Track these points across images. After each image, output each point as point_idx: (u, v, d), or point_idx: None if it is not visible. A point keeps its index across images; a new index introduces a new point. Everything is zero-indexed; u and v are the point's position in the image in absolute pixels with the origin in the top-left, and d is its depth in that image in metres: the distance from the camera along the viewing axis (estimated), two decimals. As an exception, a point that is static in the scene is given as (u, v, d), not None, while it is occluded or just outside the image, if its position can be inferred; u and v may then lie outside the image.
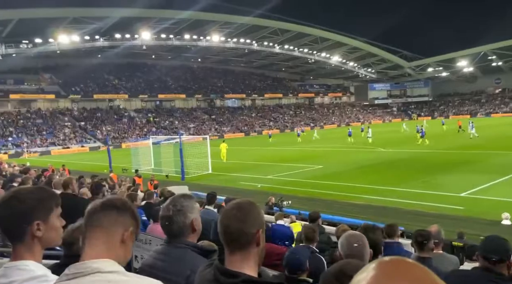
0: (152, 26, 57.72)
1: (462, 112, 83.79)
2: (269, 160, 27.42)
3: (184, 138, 35.20)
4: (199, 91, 76.94)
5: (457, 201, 12.82)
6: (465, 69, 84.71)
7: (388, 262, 0.63)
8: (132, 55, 71.32)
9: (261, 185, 18.07)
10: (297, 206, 12.66)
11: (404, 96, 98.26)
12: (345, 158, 25.49)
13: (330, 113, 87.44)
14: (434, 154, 24.76)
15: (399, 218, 10.82)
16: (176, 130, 58.59)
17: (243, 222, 1.50)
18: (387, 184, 16.23)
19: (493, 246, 2.63)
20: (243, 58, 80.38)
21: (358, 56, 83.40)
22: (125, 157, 29.84)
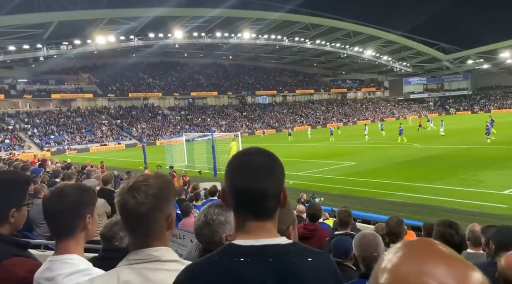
0: (184, 25, 58.61)
1: (505, 106, 79.75)
2: (300, 156, 27.23)
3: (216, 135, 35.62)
4: (230, 88, 77.51)
5: (500, 199, 12.24)
6: (508, 61, 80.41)
7: (415, 241, 0.64)
8: (165, 54, 72.79)
9: (292, 181, 17.98)
10: (330, 203, 12.50)
11: (442, 90, 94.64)
12: (379, 155, 24.91)
13: (363, 109, 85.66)
14: (473, 150, 23.73)
15: (436, 216, 10.43)
16: (208, 127, 59.33)
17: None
18: (424, 181, 15.73)
19: (506, 237, 2.52)
20: (274, 54, 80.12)
21: (393, 49, 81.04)
22: (159, 153, 30.55)
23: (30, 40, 51.59)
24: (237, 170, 1.17)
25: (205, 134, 41.01)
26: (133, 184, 1.34)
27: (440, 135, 34.13)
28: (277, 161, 1.22)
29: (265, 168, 1.17)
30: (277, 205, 1.18)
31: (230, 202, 1.18)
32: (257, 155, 1.20)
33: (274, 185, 1.17)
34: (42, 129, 53.08)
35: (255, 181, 1.14)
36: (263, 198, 1.14)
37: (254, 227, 1.14)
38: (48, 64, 58.28)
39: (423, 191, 14.12)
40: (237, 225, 1.18)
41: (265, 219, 1.15)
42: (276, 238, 1.14)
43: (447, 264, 0.56)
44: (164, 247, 1.34)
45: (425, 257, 0.57)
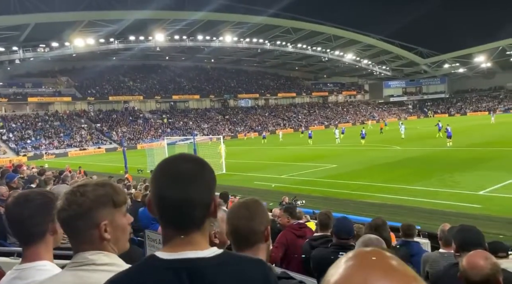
0: (165, 28, 58.25)
1: (480, 109, 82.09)
2: (283, 159, 27.36)
3: (198, 138, 35.42)
4: (212, 91, 77.30)
5: (475, 200, 12.56)
6: (482, 65, 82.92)
7: (365, 252, 0.64)
8: (146, 57, 72.11)
9: (275, 184, 18.05)
10: (311, 205, 12.59)
11: (420, 93, 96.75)
12: (360, 157, 25.24)
13: (344, 112, 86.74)
14: (450, 152, 24.33)
15: (415, 217, 10.67)
16: (190, 130, 58.96)
17: (253, 221, 1.53)
18: (403, 183, 16.01)
19: (468, 237, 2.64)
20: (256, 57, 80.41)
21: (372, 53, 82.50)
22: (140, 158, 30.18)
23: (6, 43, 50.29)
24: (161, 178, 1.10)
25: (187, 137, 40.75)
26: (68, 190, 1.33)
27: (401, 138, 35.20)
28: (207, 168, 1.15)
29: (191, 175, 1.09)
30: (205, 215, 1.12)
31: (155, 212, 1.11)
32: (183, 162, 1.13)
33: (202, 194, 1.10)
34: (18, 133, 51.71)
35: (180, 190, 1.07)
36: (189, 207, 1.08)
37: (180, 240, 1.08)
38: (25, 67, 56.93)
39: (402, 192, 14.37)
40: (163, 235, 1.12)
41: (192, 230, 1.09)
42: (202, 250, 1.08)
43: (390, 278, 0.57)
44: (103, 252, 1.30)
45: (370, 270, 0.58)
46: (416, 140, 33.38)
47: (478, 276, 1.98)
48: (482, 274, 1.98)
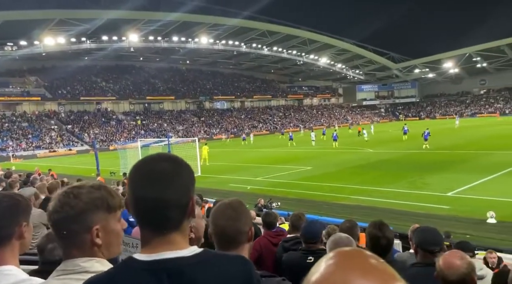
0: (139, 28, 57.38)
1: (448, 113, 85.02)
2: (259, 161, 27.42)
3: (173, 140, 35.01)
4: (188, 93, 76.66)
5: (444, 201, 12.98)
6: (450, 70, 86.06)
7: (345, 252, 0.65)
8: (119, 57, 70.77)
9: (250, 187, 18.06)
10: (286, 207, 12.68)
11: (392, 97, 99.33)
12: (334, 159, 25.62)
13: (319, 115, 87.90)
14: (421, 154, 25.05)
15: (387, 218, 10.88)
16: (165, 132, 58.21)
17: (239, 221, 1.56)
18: (375, 184, 16.36)
19: (431, 238, 2.70)
20: (232, 60, 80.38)
21: (346, 58, 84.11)
22: (113, 160, 29.53)
23: (-29, 40, 48.28)
24: (137, 178, 1.09)
25: (161, 139, 40.18)
26: (62, 192, 1.29)
27: (365, 140, 36.62)
28: (184, 168, 1.13)
29: (168, 175, 1.07)
30: (183, 216, 1.10)
31: (132, 213, 1.09)
32: (160, 161, 1.11)
33: (179, 194, 1.08)
34: (-17, 134, 49.60)
35: (156, 190, 1.05)
36: (165, 208, 1.06)
37: (158, 239, 1.06)
38: (-9, 66, 54.71)
39: (375, 194, 14.67)
40: (141, 237, 1.10)
41: (170, 231, 1.07)
42: (182, 250, 1.06)
43: (370, 276, 0.59)
44: (95, 259, 1.26)
45: (350, 269, 0.60)
46: (388, 143, 34.21)
47: (455, 276, 2.04)
48: (458, 273, 2.04)
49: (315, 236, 3.19)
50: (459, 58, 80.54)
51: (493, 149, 24.69)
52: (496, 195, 13.09)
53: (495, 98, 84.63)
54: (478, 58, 79.51)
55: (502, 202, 12.21)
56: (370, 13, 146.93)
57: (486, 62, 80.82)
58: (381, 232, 2.78)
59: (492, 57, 77.76)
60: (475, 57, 79.48)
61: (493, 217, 10.25)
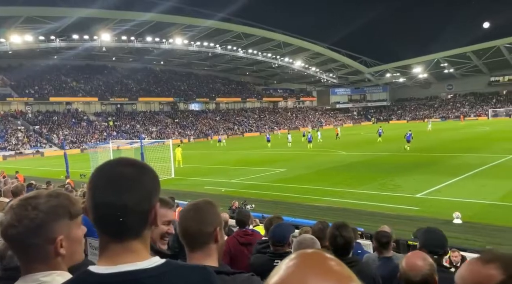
0: (112, 28, 56.22)
1: (418, 117, 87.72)
2: (234, 163, 27.38)
3: (146, 142, 34.46)
4: (161, 94, 75.66)
5: (413, 202, 13.37)
6: (420, 75, 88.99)
7: (305, 254, 0.66)
8: (91, 57, 69.11)
9: (225, 189, 18.01)
10: (261, 209, 12.72)
11: (364, 101, 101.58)
12: (308, 162, 25.91)
13: (293, 117, 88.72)
14: (391, 157, 25.71)
15: (359, 220, 11.14)
16: (138, 134, 57.19)
17: (201, 223, 1.55)
18: (348, 186, 16.67)
19: (436, 240, 2.78)
20: (207, 61, 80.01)
21: (320, 61, 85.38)
22: (83, 162, 28.76)
23: None
24: (96, 182, 1.04)
25: (134, 141, 39.46)
26: (17, 202, 1.20)
27: (318, 141, 38.68)
28: (148, 173, 1.08)
29: (128, 180, 1.03)
30: (144, 223, 1.05)
31: (90, 218, 1.05)
32: (121, 166, 1.06)
33: (139, 200, 1.03)
34: None
35: (114, 195, 1.01)
36: (123, 214, 1.00)
37: (116, 249, 1.01)
38: (-47, 63, 52.16)
39: (347, 196, 14.95)
40: (99, 244, 1.04)
41: (129, 239, 1.02)
42: (142, 261, 1.01)
43: (327, 278, 0.60)
44: (56, 272, 1.18)
45: (308, 271, 0.61)
46: (360, 145, 34.92)
47: (418, 277, 2.10)
48: (421, 274, 2.10)
49: (282, 239, 3.22)
50: (428, 63, 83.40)
51: (458, 151, 25.66)
52: (461, 196, 13.60)
53: (461, 103, 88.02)
54: (446, 64, 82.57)
55: (467, 203, 12.71)
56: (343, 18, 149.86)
57: (453, 68, 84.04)
58: (338, 232, 2.86)
59: (459, 63, 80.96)
60: (443, 63, 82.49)
61: (458, 218, 10.64)
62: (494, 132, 41.86)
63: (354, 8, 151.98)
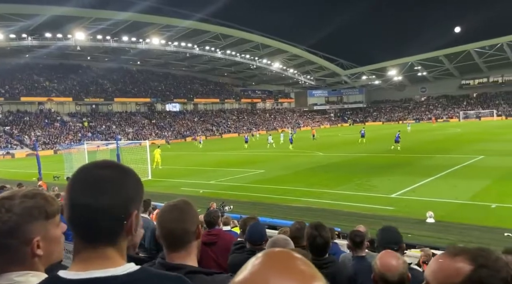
0: (87, 27, 55.00)
1: (393, 118, 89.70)
2: (211, 165, 27.25)
3: (122, 143, 33.83)
4: (138, 94, 74.55)
5: (388, 202, 13.66)
6: (395, 78, 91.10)
7: (271, 253, 0.67)
8: (65, 56, 67.40)
9: (202, 190, 17.91)
10: (239, 210, 12.71)
11: (341, 103, 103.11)
12: (286, 163, 26.08)
13: (272, 118, 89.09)
14: (368, 158, 26.19)
15: (336, 220, 11.30)
16: (113, 135, 56.10)
17: (185, 222, 1.57)
18: (325, 187, 16.87)
19: (390, 237, 2.87)
20: (185, 62, 79.38)
21: (298, 63, 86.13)
22: (57, 163, 28.01)
23: None
24: (74, 183, 1.01)
25: (110, 142, 38.68)
26: None
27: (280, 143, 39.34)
28: (130, 177, 1.04)
29: (106, 183, 0.99)
30: (120, 229, 1.00)
31: (66, 220, 1.02)
32: (101, 168, 1.02)
33: (116, 204, 0.99)
34: None
35: (89, 197, 0.97)
36: (97, 217, 0.97)
37: (89, 254, 0.98)
38: None
39: (325, 196, 15.12)
40: (73, 248, 1.01)
41: (102, 244, 0.98)
42: (115, 267, 0.97)
43: (291, 277, 0.61)
44: (31, 272, 1.15)
45: (273, 270, 0.63)
46: (337, 147, 35.42)
47: (396, 277, 2.14)
48: (398, 274, 2.15)
49: (261, 237, 3.25)
50: (402, 66, 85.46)
51: (431, 153, 26.39)
52: (434, 196, 13.99)
53: (434, 105, 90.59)
54: (419, 67, 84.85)
55: (439, 202, 13.09)
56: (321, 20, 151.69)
57: (426, 71, 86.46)
58: (317, 232, 2.90)
59: (431, 66, 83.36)
60: (417, 66, 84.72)
61: (431, 217, 10.94)
62: (465, 134, 43.29)
63: (331, 11, 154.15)
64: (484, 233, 9.78)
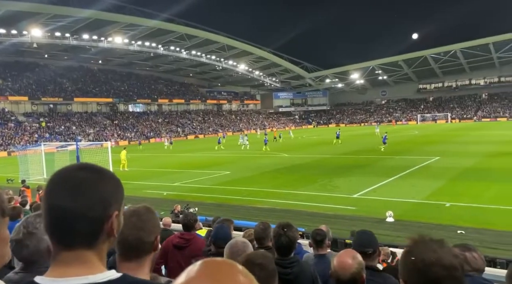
0: (45, 23, 52.67)
1: (355, 121, 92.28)
2: (177, 166, 26.87)
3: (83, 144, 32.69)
4: (100, 94, 72.20)
5: (350, 202, 14.04)
6: (357, 81, 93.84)
7: (211, 262, 0.67)
8: (20, 53, 64.21)
9: (167, 192, 17.63)
10: (204, 212, 12.62)
11: (305, 105, 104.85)
12: (251, 164, 26.17)
13: (238, 120, 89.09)
14: (331, 159, 26.78)
15: (301, 220, 11.46)
16: (73, 136, 54.06)
17: (142, 231, 1.45)
18: (290, 188, 17.08)
19: (366, 240, 2.94)
20: (149, 62, 77.84)
21: (264, 65, 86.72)
22: (11, 166, 26.62)
23: None
24: (50, 185, 0.99)
25: (69, 143, 37.22)
26: None
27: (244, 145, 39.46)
28: (108, 180, 1.02)
29: (82, 184, 0.97)
30: (98, 232, 0.98)
31: (43, 224, 0.99)
32: (79, 170, 1.00)
33: (92, 206, 0.96)
34: None
35: (66, 199, 0.95)
36: (76, 220, 0.94)
37: (67, 259, 0.95)
38: None
39: (289, 197, 15.32)
40: (52, 254, 0.98)
41: (80, 247, 0.96)
42: (95, 274, 0.94)
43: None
44: None
45: (204, 279, 0.63)
46: (302, 149, 35.97)
47: (347, 275, 2.20)
48: (350, 273, 2.20)
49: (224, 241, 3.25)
50: (364, 70, 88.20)
51: (391, 154, 27.38)
52: (393, 196, 14.54)
53: (394, 108, 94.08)
54: (380, 71, 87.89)
55: (398, 202, 13.61)
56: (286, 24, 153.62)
57: (386, 75, 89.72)
58: (283, 231, 2.95)
59: (391, 70, 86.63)
60: (377, 70, 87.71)
61: (391, 216, 11.35)
62: (422, 136, 45.25)
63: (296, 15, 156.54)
64: (439, 230, 10.25)
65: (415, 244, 1.20)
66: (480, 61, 78.21)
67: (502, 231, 10.07)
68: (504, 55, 74.84)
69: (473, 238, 9.35)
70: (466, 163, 21.05)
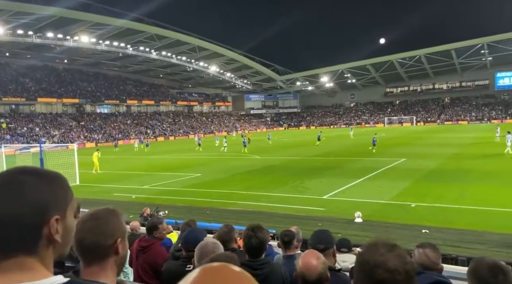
0: (6, 20, 50.47)
1: (325, 123, 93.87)
2: (147, 169, 26.37)
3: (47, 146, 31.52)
4: (65, 95, 69.85)
5: (320, 203, 14.24)
6: (326, 84, 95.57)
7: (209, 268, 0.67)
8: (-21, 51, 61.21)
9: (135, 195, 17.27)
10: (175, 215, 12.45)
11: (277, 107, 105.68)
12: (223, 166, 26.08)
13: (209, 122, 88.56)
14: (301, 161, 27.10)
15: (272, 222, 11.51)
16: (37, 137, 51.99)
17: (99, 234, 1.39)
18: (262, 190, 17.13)
19: (319, 237, 3.08)
20: (117, 62, 76.09)
21: (235, 67, 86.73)
22: (-32, 169, 25.20)
23: None
24: None
25: (32, 145, 35.77)
26: None
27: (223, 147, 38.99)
28: (46, 182, 0.98)
29: (12, 188, 0.93)
30: (37, 238, 0.93)
31: None
32: (16, 174, 0.96)
33: (27, 210, 0.92)
34: None
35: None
36: (5, 225, 0.90)
37: (7, 266, 0.90)
38: None
39: (262, 199, 15.36)
40: None
41: (21, 255, 0.91)
42: (38, 280, 0.90)
43: None
44: None
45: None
46: (272, 151, 36.22)
47: (314, 276, 2.24)
48: (316, 273, 2.24)
49: (194, 245, 3.22)
50: (333, 73, 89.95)
51: (359, 156, 28.04)
52: (362, 197, 14.87)
53: (362, 111, 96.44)
54: (349, 74, 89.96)
55: (366, 203, 13.94)
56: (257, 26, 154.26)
57: (355, 78, 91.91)
58: (253, 232, 2.97)
59: (360, 74, 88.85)
60: (346, 74, 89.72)
61: (359, 217, 11.61)
62: (389, 138, 46.61)
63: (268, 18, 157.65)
64: (405, 230, 10.58)
65: (367, 247, 1.27)
66: (442, 66, 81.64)
67: (463, 229, 10.49)
68: (465, 61, 78.45)
69: (437, 237, 9.69)
70: (431, 165, 21.84)
